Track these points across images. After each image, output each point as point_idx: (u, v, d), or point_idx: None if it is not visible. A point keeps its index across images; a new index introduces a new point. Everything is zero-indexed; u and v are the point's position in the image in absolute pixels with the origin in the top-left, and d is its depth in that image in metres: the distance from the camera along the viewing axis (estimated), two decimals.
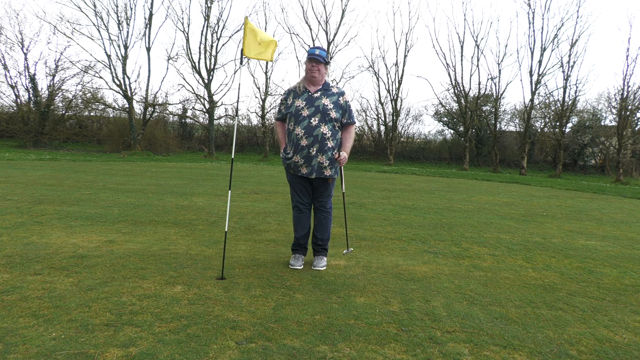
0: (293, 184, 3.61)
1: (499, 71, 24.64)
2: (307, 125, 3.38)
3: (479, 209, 7.64)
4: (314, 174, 3.46)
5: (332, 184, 3.59)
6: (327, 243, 3.72)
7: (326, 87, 3.50)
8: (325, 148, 3.41)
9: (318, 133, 3.39)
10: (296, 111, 3.44)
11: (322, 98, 3.44)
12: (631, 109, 21.79)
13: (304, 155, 3.41)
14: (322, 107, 3.40)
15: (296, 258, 3.65)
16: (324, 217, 3.65)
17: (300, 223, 3.67)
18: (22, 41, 22.33)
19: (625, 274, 3.93)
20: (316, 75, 3.43)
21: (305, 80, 3.53)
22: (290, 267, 3.56)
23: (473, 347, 2.33)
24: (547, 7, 24.34)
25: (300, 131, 3.40)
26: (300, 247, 3.70)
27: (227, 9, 59.47)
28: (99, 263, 3.46)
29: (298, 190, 3.61)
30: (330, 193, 3.64)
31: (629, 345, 2.45)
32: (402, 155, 27.92)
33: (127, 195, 7.10)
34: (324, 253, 3.71)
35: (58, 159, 14.83)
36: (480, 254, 4.39)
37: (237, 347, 2.20)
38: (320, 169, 3.45)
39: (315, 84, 3.49)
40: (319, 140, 3.39)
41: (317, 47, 3.46)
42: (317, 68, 3.41)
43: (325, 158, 3.43)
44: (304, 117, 3.40)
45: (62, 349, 2.09)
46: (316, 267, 3.59)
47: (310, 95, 3.45)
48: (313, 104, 3.42)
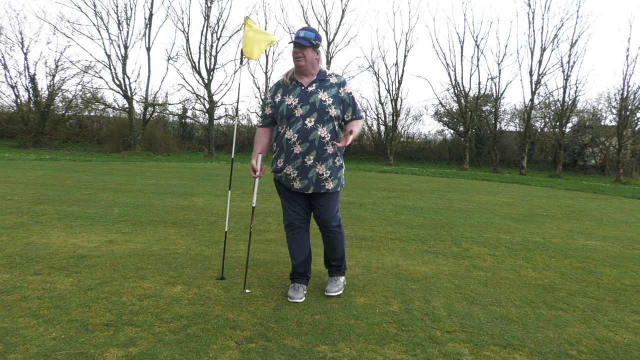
0: (287, 197, 2.94)
1: (499, 71, 24.62)
2: (302, 128, 2.72)
3: (479, 209, 7.64)
4: (311, 188, 2.79)
5: (336, 197, 2.93)
6: (343, 261, 3.10)
7: (322, 76, 2.81)
8: (325, 155, 2.76)
9: (315, 137, 2.72)
10: (288, 111, 2.76)
11: (318, 92, 2.76)
12: (631, 109, 21.79)
13: (298, 166, 2.76)
14: (318, 104, 2.73)
15: (295, 289, 2.93)
16: (333, 237, 2.98)
17: (298, 245, 2.97)
18: (22, 41, 22.32)
19: (625, 274, 3.93)
20: (302, 63, 2.73)
21: (294, 71, 2.84)
22: (289, 300, 2.87)
23: (473, 347, 2.33)
24: (547, 7, 24.36)
25: (292, 135, 2.73)
26: (300, 276, 3.00)
27: (227, 9, 59.43)
28: (99, 263, 3.46)
29: (290, 203, 2.92)
30: (333, 206, 2.92)
31: (629, 345, 2.45)
32: (402, 155, 27.92)
33: (127, 195, 7.10)
34: (340, 273, 3.10)
35: (58, 159, 14.83)
36: (480, 254, 4.39)
37: (237, 347, 2.20)
38: (320, 181, 2.79)
39: (306, 74, 2.80)
40: (315, 146, 2.73)
41: (303, 28, 2.76)
42: (301, 54, 2.71)
43: (325, 167, 2.77)
44: (297, 117, 2.74)
45: (62, 349, 2.09)
46: (329, 293, 2.95)
47: (303, 89, 2.77)
48: (308, 100, 2.74)
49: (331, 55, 25.12)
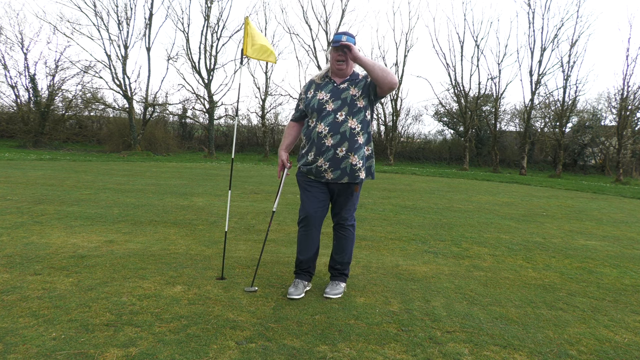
0: (308, 189, 2.96)
1: (499, 71, 24.62)
2: (333, 122, 2.80)
3: (479, 209, 7.64)
4: (345, 177, 2.85)
5: (357, 194, 3.01)
6: (348, 267, 3.11)
7: (354, 77, 2.92)
8: (356, 146, 2.82)
9: (346, 129, 2.79)
10: (319, 105, 2.84)
11: (349, 89, 2.85)
12: (631, 109, 21.78)
13: (330, 158, 2.81)
14: (349, 99, 2.82)
15: (295, 285, 2.99)
16: (345, 236, 3.03)
17: (307, 242, 2.99)
18: (22, 41, 22.32)
19: (625, 274, 3.93)
20: (343, 67, 2.84)
21: (330, 71, 2.95)
22: (288, 297, 2.90)
23: (473, 347, 2.33)
24: (547, 7, 24.33)
25: (324, 128, 2.81)
26: (303, 272, 3.05)
27: (227, 9, 59.39)
28: (99, 263, 3.46)
29: (313, 198, 2.94)
30: (353, 205, 3.02)
31: (629, 345, 2.45)
32: (402, 155, 27.92)
33: (127, 195, 7.10)
34: (342, 278, 3.09)
35: (58, 159, 14.83)
36: (480, 254, 4.39)
37: (237, 347, 2.20)
38: (354, 172, 2.84)
39: (342, 77, 2.91)
40: (347, 138, 2.79)
41: (344, 33, 2.79)
42: (344, 58, 2.81)
43: (358, 158, 2.83)
44: (329, 111, 2.81)
45: (62, 349, 2.09)
46: (328, 295, 2.94)
47: (335, 86, 2.87)
48: (339, 96, 2.84)
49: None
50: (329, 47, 2.94)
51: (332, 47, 2.83)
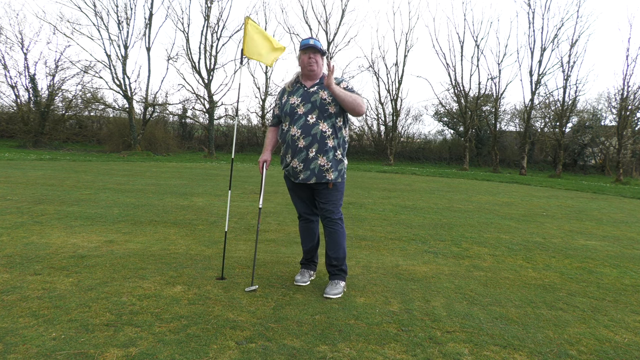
0: (293, 192, 3.22)
1: (499, 71, 24.66)
2: (304, 124, 2.95)
3: (479, 209, 7.64)
4: (313, 178, 2.99)
5: (338, 190, 3.11)
6: (344, 262, 3.14)
7: (323, 80, 3.05)
8: (326, 148, 2.96)
9: (317, 131, 2.94)
10: (291, 109, 3.00)
11: (318, 92, 3.00)
12: (631, 109, 21.79)
13: (303, 159, 2.97)
14: (319, 103, 2.97)
15: (302, 273, 3.28)
16: (335, 230, 3.09)
17: (307, 234, 3.26)
18: (22, 41, 22.34)
19: (625, 274, 3.93)
20: (314, 68, 3.00)
21: (300, 75, 3.11)
22: (295, 284, 3.20)
23: (473, 347, 2.33)
24: (547, 7, 24.36)
25: (296, 131, 2.96)
26: (308, 262, 3.33)
27: (227, 9, 59.38)
28: (99, 263, 3.46)
29: (298, 198, 3.21)
30: (336, 200, 3.11)
31: (629, 345, 2.45)
32: (402, 155, 27.93)
33: (127, 195, 7.10)
34: (340, 276, 3.13)
35: (58, 159, 14.83)
36: (480, 254, 4.39)
37: (237, 347, 2.20)
38: (322, 172, 2.99)
39: (312, 79, 3.07)
40: (317, 140, 2.95)
41: (310, 38, 3.03)
42: (314, 59, 2.99)
43: (327, 159, 2.97)
44: (300, 115, 2.97)
45: (62, 349, 2.09)
46: (327, 295, 2.97)
47: (306, 90, 3.03)
48: (309, 99, 2.99)
49: (331, 56, 25.11)
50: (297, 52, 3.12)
51: (300, 50, 3.02)
